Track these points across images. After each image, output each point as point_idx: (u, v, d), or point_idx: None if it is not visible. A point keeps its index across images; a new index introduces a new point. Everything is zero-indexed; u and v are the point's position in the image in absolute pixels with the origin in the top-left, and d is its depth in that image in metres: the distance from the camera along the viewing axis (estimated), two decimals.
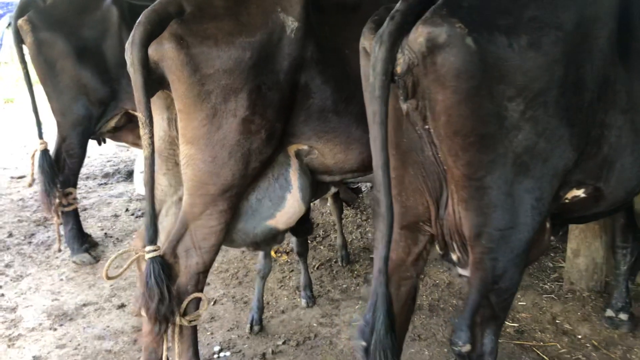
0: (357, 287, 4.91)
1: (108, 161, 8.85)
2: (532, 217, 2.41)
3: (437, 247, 2.77)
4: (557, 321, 4.37)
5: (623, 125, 2.46)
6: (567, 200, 2.68)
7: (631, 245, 4.12)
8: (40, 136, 4.93)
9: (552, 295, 4.72)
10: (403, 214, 2.67)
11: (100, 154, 8.99)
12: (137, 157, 7.81)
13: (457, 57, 2.09)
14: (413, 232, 2.74)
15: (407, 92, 2.30)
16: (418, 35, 2.15)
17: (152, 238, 2.98)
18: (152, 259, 2.97)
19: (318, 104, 3.10)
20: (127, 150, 9.09)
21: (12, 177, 8.04)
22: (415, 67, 2.22)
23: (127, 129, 5.22)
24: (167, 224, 3.31)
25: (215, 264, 4.97)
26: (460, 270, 2.79)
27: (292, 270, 5.20)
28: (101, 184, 7.86)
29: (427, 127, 2.36)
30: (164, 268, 3.00)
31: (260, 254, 4.32)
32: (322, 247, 5.78)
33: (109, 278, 3.03)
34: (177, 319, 3.10)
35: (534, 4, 2.17)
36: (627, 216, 4.04)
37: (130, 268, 3.10)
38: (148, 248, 2.98)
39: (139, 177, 7.28)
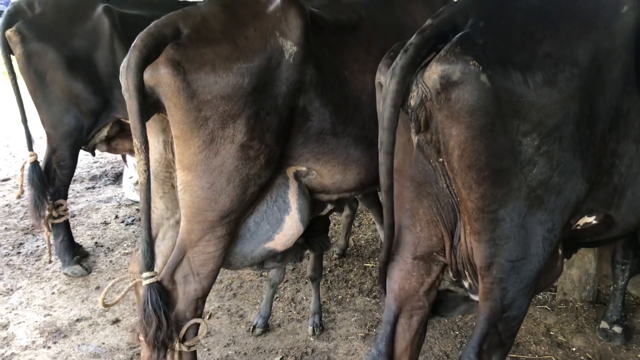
0: (353, 299, 4.87)
1: (95, 162, 8.69)
2: (543, 248, 2.40)
3: (450, 274, 2.76)
4: (552, 333, 4.37)
5: (635, 155, 2.44)
6: (578, 227, 2.67)
7: (631, 262, 4.13)
8: (30, 148, 4.82)
9: (546, 306, 4.73)
10: (417, 245, 2.66)
11: (86, 155, 8.71)
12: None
13: (471, 94, 2.06)
14: (426, 263, 2.73)
15: (419, 125, 2.29)
16: (432, 73, 2.12)
17: (149, 264, 2.96)
18: (150, 285, 2.94)
19: (316, 127, 3.04)
20: None
21: None
22: (429, 101, 2.19)
23: (120, 138, 5.12)
24: (164, 248, 3.24)
25: None
26: (472, 296, 2.82)
27: (287, 281, 5.14)
28: (89, 187, 7.71)
29: (440, 159, 2.33)
30: (162, 294, 2.97)
31: None
32: None
33: (106, 306, 3.00)
34: (176, 345, 3.07)
35: (549, 39, 2.14)
36: None
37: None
38: (145, 274, 2.95)
39: (128, 181, 7.18)
